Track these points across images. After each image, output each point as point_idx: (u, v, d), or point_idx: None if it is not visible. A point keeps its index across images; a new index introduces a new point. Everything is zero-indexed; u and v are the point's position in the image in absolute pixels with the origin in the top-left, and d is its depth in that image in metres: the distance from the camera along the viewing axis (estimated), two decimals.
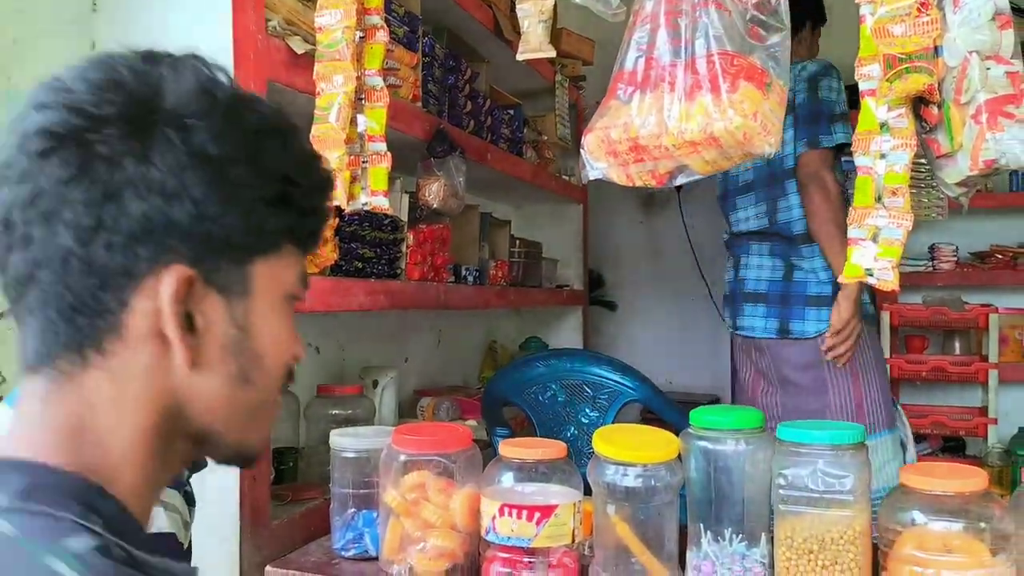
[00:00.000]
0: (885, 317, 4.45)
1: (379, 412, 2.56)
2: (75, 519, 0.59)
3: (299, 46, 1.86)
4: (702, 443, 1.45)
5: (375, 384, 2.61)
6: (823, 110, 2.35)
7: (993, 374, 4.10)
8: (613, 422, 2.92)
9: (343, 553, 1.67)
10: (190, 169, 0.64)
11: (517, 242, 3.48)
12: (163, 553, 0.63)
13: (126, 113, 0.64)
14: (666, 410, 2.90)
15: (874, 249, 1.44)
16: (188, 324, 0.66)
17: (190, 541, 1.05)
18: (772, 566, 1.43)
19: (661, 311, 5.47)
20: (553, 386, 3.00)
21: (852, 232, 1.47)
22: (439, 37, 2.83)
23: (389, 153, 1.75)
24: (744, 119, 1.40)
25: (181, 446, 0.69)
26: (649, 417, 3.26)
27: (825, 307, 2.39)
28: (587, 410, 2.96)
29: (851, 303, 2.36)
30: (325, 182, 0.78)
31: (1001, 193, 4.43)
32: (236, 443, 0.72)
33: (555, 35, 3.70)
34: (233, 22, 1.68)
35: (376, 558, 1.63)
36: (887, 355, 4.47)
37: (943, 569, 1.21)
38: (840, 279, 1.52)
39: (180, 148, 0.64)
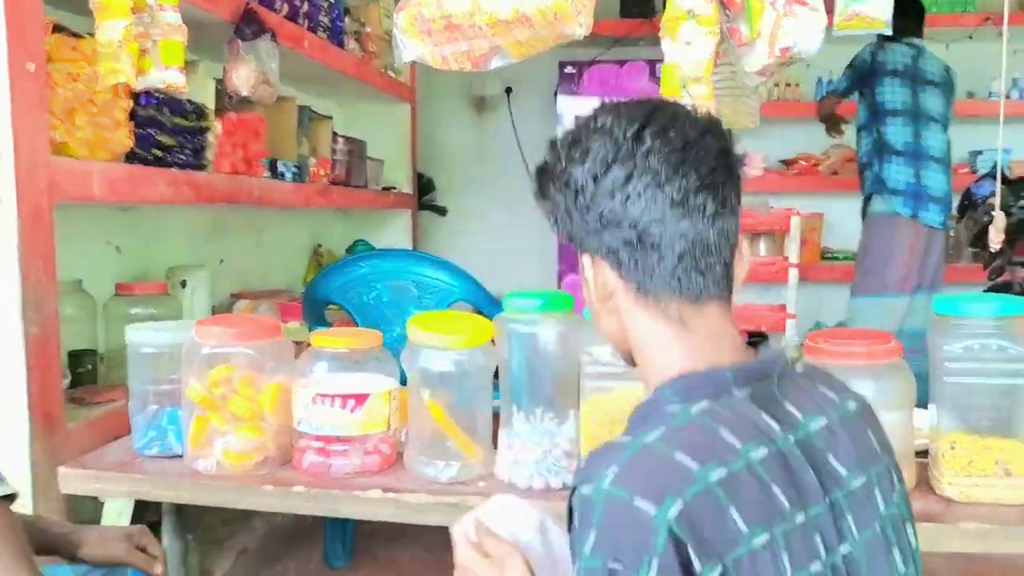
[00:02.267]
0: None
1: (190, 315, 2.43)
2: None
3: None
4: (515, 326, 1.47)
5: (183, 284, 2.47)
6: None
7: (793, 273, 4.42)
8: None
9: (145, 452, 1.59)
10: None
11: (340, 139, 3.35)
12: None
13: None
14: (492, 309, 2.93)
15: None
16: None
17: None
18: (578, 441, 1.49)
19: (492, 216, 5.49)
20: (378, 286, 2.96)
21: None
22: None
23: (184, 25, 1.60)
24: None
25: None
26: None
27: None
28: (412, 310, 2.94)
29: None
30: None
31: (808, 102, 4.71)
32: None
33: None
34: None
35: (181, 456, 1.57)
36: None
37: None
38: None
39: None
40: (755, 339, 4.95)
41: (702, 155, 0.84)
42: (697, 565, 0.70)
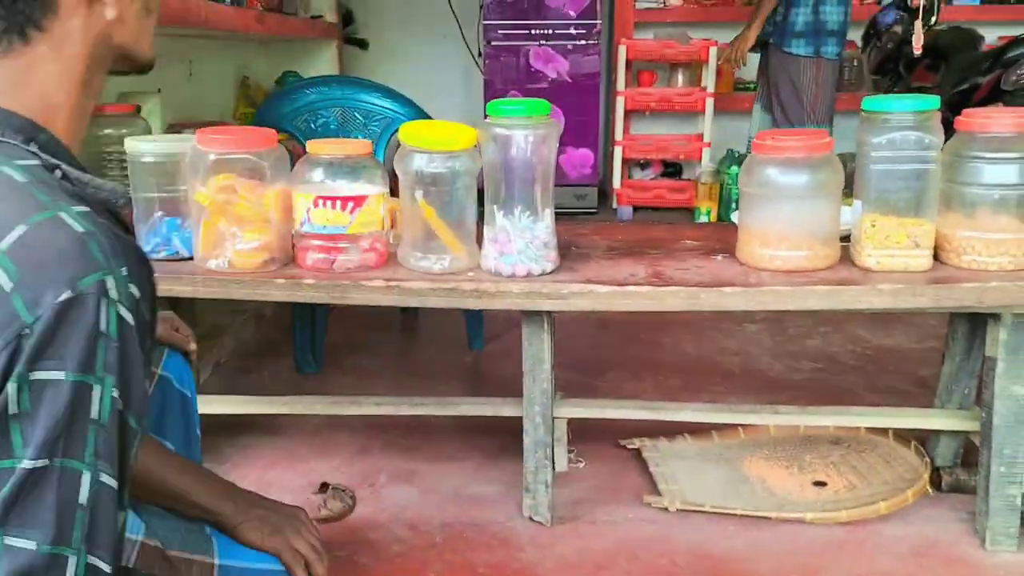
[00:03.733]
0: (622, 52, 4.79)
1: None
2: (20, 144, 0.76)
3: None
4: (497, 130, 1.61)
5: (139, 110, 2.48)
6: None
7: (710, 102, 4.64)
8: (385, 149, 3.03)
9: (153, 256, 1.70)
10: None
11: None
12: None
13: None
14: None
15: None
16: None
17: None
18: (555, 235, 1.68)
19: (412, 50, 5.45)
20: (324, 113, 3.03)
21: None
22: None
23: None
24: None
25: (100, 78, 0.87)
26: None
27: None
28: (359, 137, 3.04)
29: None
30: None
31: None
32: (145, 55, 0.91)
33: None
34: None
35: (188, 259, 1.69)
36: (622, 88, 4.87)
37: None
38: None
39: None
40: (669, 168, 5.22)
41: None
42: None
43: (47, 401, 0.66)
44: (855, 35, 4.49)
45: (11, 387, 0.66)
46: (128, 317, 0.70)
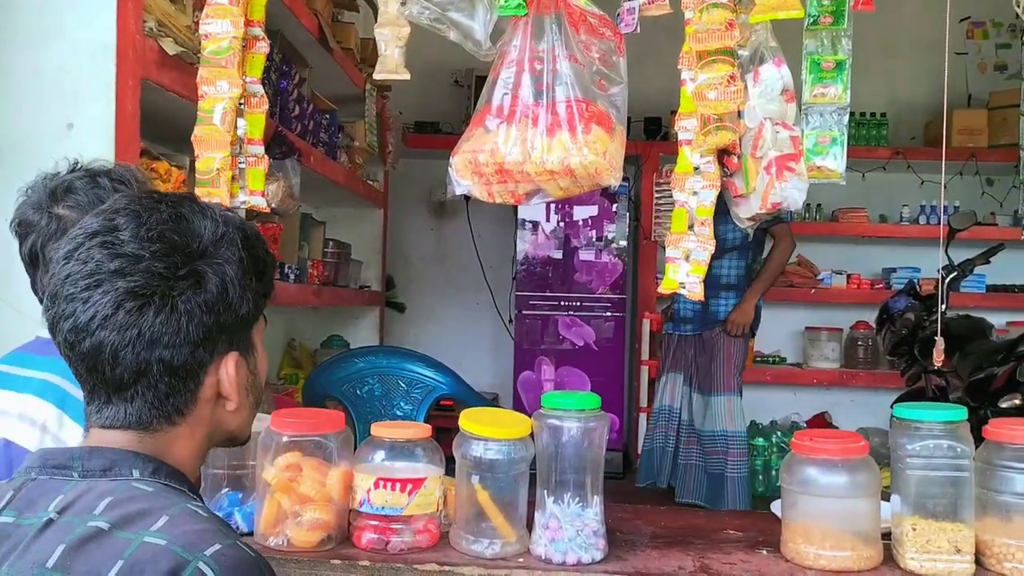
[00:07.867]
0: (646, 324, 5.05)
1: None
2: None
3: (171, 48, 1.93)
4: (551, 421, 1.72)
5: None
6: None
7: None
8: (425, 415, 3.16)
9: None
10: (228, 289, 1.00)
11: (330, 243, 3.60)
12: None
13: (186, 269, 0.97)
14: (477, 404, 3.17)
15: (686, 267, 1.81)
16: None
17: None
18: (604, 523, 1.74)
19: (447, 314, 5.76)
20: (370, 381, 3.20)
21: (669, 252, 1.83)
22: (273, 41, 2.91)
23: (266, 156, 1.87)
24: (596, 156, 1.71)
25: (208, 451, 1.10)
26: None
27: None
28: (402, 403, 3.18)
29: None
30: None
31: None
32: (245, 436, 1.16)
33: (368, 45, 3.86)
34: (117, 21, 1.73)
35: (247, 534, 1.75)
36: (646, 357, 5.08)
37: None
38: (659, 290, 1.87)
39: (217, 278, 0.99)
40: None
41: None
42: None
43: None
44: (869, 316, 4.74)
45: None
46: None
